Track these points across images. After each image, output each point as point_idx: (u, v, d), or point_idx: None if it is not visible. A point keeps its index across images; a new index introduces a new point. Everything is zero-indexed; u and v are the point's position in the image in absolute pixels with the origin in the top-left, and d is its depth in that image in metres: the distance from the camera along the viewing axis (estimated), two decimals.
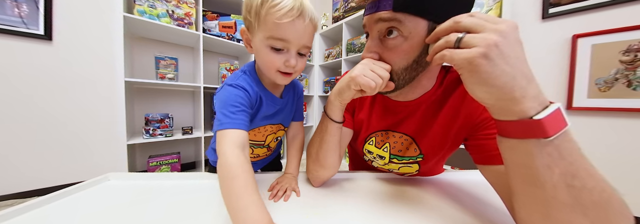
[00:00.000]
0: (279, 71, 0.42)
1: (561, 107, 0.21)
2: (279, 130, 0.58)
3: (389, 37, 0.34)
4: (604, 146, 1.08)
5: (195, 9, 1.44)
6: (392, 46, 0.35)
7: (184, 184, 0.47)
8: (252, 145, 0.57)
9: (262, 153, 0.62)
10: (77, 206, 0.37)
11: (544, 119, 0.21)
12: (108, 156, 1.44)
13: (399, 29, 0.33)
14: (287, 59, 0.41)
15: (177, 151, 1.55)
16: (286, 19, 0.37)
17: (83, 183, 0.45)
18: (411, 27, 0.32)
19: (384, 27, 0.34)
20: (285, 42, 0.39)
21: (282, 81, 0.45)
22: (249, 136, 0.45)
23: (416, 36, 0.33)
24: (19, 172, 1.21)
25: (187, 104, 1.75)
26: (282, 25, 0.37)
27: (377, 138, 0.52)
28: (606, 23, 1.05)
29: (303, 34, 0.40)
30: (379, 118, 0.51)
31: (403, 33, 0.33)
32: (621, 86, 1.02)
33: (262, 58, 0.42)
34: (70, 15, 1.28)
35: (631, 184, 1.02)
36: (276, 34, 0.38)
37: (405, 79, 0.37)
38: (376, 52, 0.37)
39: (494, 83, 0.22)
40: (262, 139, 0.56)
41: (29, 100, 1.21)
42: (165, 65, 1.39)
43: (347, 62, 2.03)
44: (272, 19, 0.37)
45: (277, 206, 0.38)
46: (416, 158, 0.49)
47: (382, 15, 0.33)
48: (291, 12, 0.37)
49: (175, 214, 0.35)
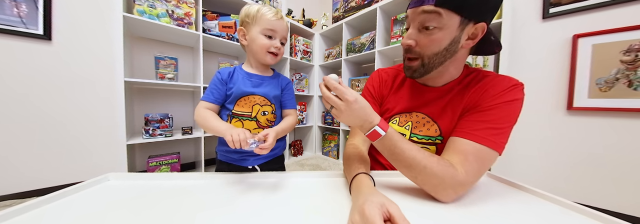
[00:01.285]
0: (269, 52, 0.65)
1: (376, 128, 0.40)
2: (265, 105, 0.70)
3: (427, 28, 0.42)
4: (604, 146, 1.08)
5: (195, 9, 1.44)
6: (428, 35, 0.43)
7: (184, 184, 0.47)
8: (242, 118, 0.68)
9: (252, 129, 0.68)
10: (76, 207, 0.37)
11: (368, 135, 0.41)
12: (108, 156, 1.44)
13: (438, 20, 0.40)
14: (274, 44, 0.65)
15: (177, 151, 1.55)
16: (274, 18, 0.63)
17: (83, 183, 0.44)
18: (447, 19, 0.40)
19: (426, 18, 0.41)
20: (274, 32, 0.64)
21: (271, 61, 0.67)
22: (237, 107, 0.66)
23: (450, 28, 0.41)
24: (18, 172, 1.20)
25: (187, 104, 1.74)
26: (272, 21, 0.63)
27: (401, 118, 0.57)
28: (607, 23, 1.05)
29: (283, 29, 0.66)
30: (407, 100, 0.57)
31: (439, 25, 0.41)
32: (622, 86, 1.02)
33: (257, 44, 0.64)
34: (69, 15, 1.28)
35: (632, 184, 1.02)
36: (268, 26, 0.63)
37: (434, 62, 0.45)
38: (415, 40, 0.45)
39: (347, 122, 0.41)
40: (249, 110, 0.68)
41: (28, 100, 1.20)
42: (165, 65, 1.39)
43: (347, 62, 2.03)
44: (265, 18, 0.62)
45: (277, 207, 0.38)
46: (435, 139, 0.51)
47: (426, 8, 0.41)
48: (276, 15, 0.64)
49: (175, 214, 0.35)
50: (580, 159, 1.14)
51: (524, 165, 1.29)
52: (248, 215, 0.35)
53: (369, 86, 0.66)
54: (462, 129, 0.43)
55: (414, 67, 0.47)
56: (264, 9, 0.63)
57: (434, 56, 0.44)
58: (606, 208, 1.08)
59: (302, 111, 2.27)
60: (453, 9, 0.39)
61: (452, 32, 0.41)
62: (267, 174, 0.55)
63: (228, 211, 0.36)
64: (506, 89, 0.44)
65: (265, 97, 0.69)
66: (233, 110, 0.67)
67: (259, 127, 0.69)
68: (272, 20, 0.62)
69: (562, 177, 1.19)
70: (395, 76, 0.62)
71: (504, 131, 0.41)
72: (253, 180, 0.51)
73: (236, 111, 0.67)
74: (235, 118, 0.68)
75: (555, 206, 0.39)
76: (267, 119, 0.70)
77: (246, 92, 0.67)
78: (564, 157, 1.18)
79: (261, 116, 0.69)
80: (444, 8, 0.39)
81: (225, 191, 0.44)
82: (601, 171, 1.09)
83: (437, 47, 0.43)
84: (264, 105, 0.69)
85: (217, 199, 0.40)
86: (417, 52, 0.45)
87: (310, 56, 2.29)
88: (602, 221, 0.33)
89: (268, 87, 0.70)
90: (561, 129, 1.18)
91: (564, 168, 1.18)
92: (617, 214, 1.04)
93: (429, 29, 0.42)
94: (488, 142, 0.40)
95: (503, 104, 0.42)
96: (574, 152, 1.16)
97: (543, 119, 1.23)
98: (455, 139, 0.43)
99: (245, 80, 0.68)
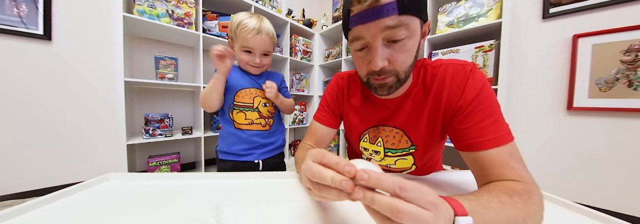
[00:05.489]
0: (250, 65, 0.70)
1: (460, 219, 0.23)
2: (265, 97, 0.74)
3: (396, 41, 0.36)
4: (604, 146, 1.08)
5: (195, 9, 1.44)
6: (401, 47, 0.37)
7: (184, 184, 0.47)
8: (244, 108, 0.72)
9: (255, 119, 0.73)
10: (76, 207, 0.37)
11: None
12: (108, 156, 1.44)
13: (406, 29, 0.35)
14: (253, 59, 0.69)
15: (177, 151, 1.55)
16: (250, 35, 0.64)
17: (83, 183, 0.44)
18: (413, 25, 0.35)
19: (393, 33, 0.35)
20: (252, 48, 0.67)
21: (254, 72, 0.74)
22: (237, 98, 0.71)
23: (417, 33, 0.37)
24: (18, 172, 1.20)
25: (187, 104, 1.74)
26: (248, 39, 0.65)
27: (370, 135, 0.55)
28: (607, 23, 1.05)
29: (262, 44, 0.67)
30: (369, 115, 0.54)
31: (409, 33, 0.35)
32: (622, 86, 1.02)
33: (238, 58, 0.71)
34: (69, 15, 1.28)
35: (632, 184, 1.02)
36: (244, 43, 0.66)
37: (408, 74, 0.41)
38: (387, 59, 0.37)
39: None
40: (250, 101, 0.73)
41: (29, 100, 1.20)
42: (165, 65, 1.39)
43: (347, 62, 2.03)
44: (241, 36, 0.65)
45: (277, 206, 0.38)
46: (409, 149, 0.51)
47: (390, 23, 0.34)
48: (253, 31, 0.64)
49: (175, 214, 0.35)
50: (580, 158, 1.14)
51: None
52: (248, 215, 0.35)
53: (327, 94, 0.60)
54: (472, 140, 0.39)
55: (390, 83, 0.40)
56: (243, 23, 0.64)
57: (408, 68, 0.40)
58: (606, 208, 1.08)
59: (302, 111, 2.27)
60: (414, 13, 0.35)
61: (418, 36, 0.38)
62: (267, 174, 0.55)
63: (228, 211, 0.36)
64: (468, 79, 0.41)
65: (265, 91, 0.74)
66: (234, 102, 0.71)
67: (261, 117, 0.75)
68: (247, 38, 0.64)
69: (562, 176, 1.19)
70: (351, 84, 0.57)
71: (500, 118, 0.39)
72: (253, 180, 0.51)
73: (237, 102, 0.72)
74: (236, 109, 0.72)
75: (556, 206, 0.39)
76: (268, 110, 0.76)
77: (248, 86, 0.73)
78: (564, 156, 1.18)
79: (263, 107, 0.75)
80: (408, 14, 0.34)
81: (226, 191, 0.44)
82: (601, 170, 1.09)
83: (411, 58, 0.39)
84: (264, 97, 0.74)
85: (217, 199, 0.40)
86: (391, 71, 0.39)
87: (310, 56, 2.29)
88: (603, 221, 0.33)
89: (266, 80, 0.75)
90: (561, 129, 1.18)
91: (563, 167, 1.18)
92: (617, 214, 1.04)
93: (399, 41, 0.36)
94: (503, 139, 0.37)
95: (479, 95, 0.40)
96: (573, 152, 1.16)
97: (543, 119, 1.23)
98: (478, 154, 0.38)
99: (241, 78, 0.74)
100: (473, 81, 0.41)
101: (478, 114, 0.40)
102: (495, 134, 0.37)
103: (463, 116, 0.41)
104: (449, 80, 0.43)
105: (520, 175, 0.35)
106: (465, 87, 0.41)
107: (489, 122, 0.39)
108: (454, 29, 1.33)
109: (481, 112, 0.39)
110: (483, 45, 1.20)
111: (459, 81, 0.42)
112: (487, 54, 1.19)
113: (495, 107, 0.40)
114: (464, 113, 0.41)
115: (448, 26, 1.37)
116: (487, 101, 0.40)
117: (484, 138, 0.38)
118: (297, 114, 2.19)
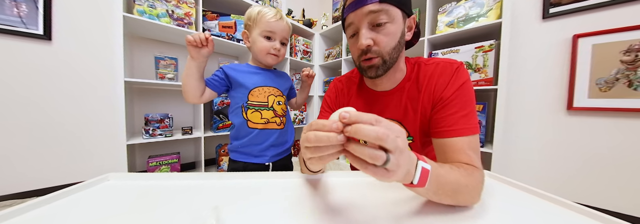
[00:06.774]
0: (269, 53, 0.69)
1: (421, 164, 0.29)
2: (278, 95, 0.75)
3: (379, 25, 0.43)
4: (604, 146, 1.08)
5: (195, 9, 1.44)
6: (383, 30, 0.44)
7: (184, 184, 0.47)
8: (259, 108, 0.71)
9: (271, 118, 0.73)
10: (76, 207, 0.37)
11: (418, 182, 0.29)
12: (107, 156, 1.44)
13: (387, 14, 0.43)
14: (274, 45, 0.68)
15: (177, 151, 1.55)
16: (273, 19, 0.65)
17: (83, 183, 0.44)
18: (394, 12, 0.43)
19: (375, 16, 0.43)
20: (273, 33, 0.67)
21: (272, 61, 0.72)
22: (252, 97, 0.70)
23: (398, 20, 0.44)
24: (18, 172, 1.20)
25: (187, 104, 1.74)
26: (270, 23, 0.66)
27: None
28: (607, 23, 1.05)
29: (283, 30, 0.68)
30: (366, 108, 0.57)
31: (389, 19, 0.43)
32: (622, 86, 1.02)
33: (258, 45, 0.68)
34: (69, 15, 1.28)
35: (632, 184, 1.02)
36: (267, 27, 0.66)
37: (393, 58, 0.47)
38: (371, 38, 0.44)
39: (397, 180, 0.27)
40: (264, 99, 0.72)
41: (28, 100, 1.20)
42: (165, 65, 1.39)
43: (347, 62, 2.03)
44: (264, 20, 0.65)
45: (277, 207, 0.38)
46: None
47: (372, 8, 0.42)
48: (275, 16, 0.66)
49: (176, 214, 0.35)
50: (580, 158, 1.14)
51: (524, 165, 1.28)
52: (248, 215, 0.35)
53: (327, 97, 0.65)
54: (442, 128, 0.45)
55: (377, 64, 0.46)
56: (264, 10, 0.66)
57: (392, 50, 0.45)
58: (606, 208, 1.08)
59: (302, 111, 2.27)
60: (395, 4, 0.43)
61: (400, 25, 0.45)
62: (268, 174, 0.55)
63: (228, 211, 0.36)
64: (453, 75, 0.47)
65: (278, 89, 0.75)
66: (248, 101, 0.70)
67: (276, 116, 0.74)
68: (270, 22, 0.65)
69: (562, 177, 1.19)
70: (349, 84, 0.62)
71: (472, 112, 0.44)
72: (253, 180, 0.51)
73: (251, 101, 0.70)
74: (251, 109, 0.71)
75: (556, 206, 0.39)
76: (282, 109, 0.76)
77: (261, 84, 0.72)
78: (563, 156, 1.18)
79: (277, 106, 0.74)
80: (387, 3, 0.42)
81: (226, 191, 0.44)
82: (601, 171, 1.09)
83: (394, 41, 0.45)
84: (278, 95, 0.75)
85: (217, 199, 0.40)
86: (376, 51, 0.45)
87: (310, 56, 2.29)
88: (603, 221, 0.33)
89: (276, 80, 0.76)
90: (561, 129, 1.18)
91: (563, 167, 1.18)
92: (617, 214, 1.04)
93: (381, 24, 0.43)
94: (468, 131, 0.43)
95: (459, 90, 0.45)
96: (573, 152, 1.16)
97: (543, 119, 1.23)
98: (444, 140, 0.44)
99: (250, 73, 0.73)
100: (457, 77, 0.46)
101: (454, 106, 0.45)
102: (463, 125, 0.43)
103: (441, 106, 0.46)
104: (438, 75, 0.48)
105: (471, 160, 0.41)
106: (450, 81, 0.46)
107: (461, 115, 0.44)
108: (454, 29, 1.33)
109: (456, 105, 0.45)
110: (483, 46, 1.20)
111: (446, 76, 0.47)
112: (487, 54, 1.19)
113: (470, 102, 0.45)
114: (443, 104, 0.46)
115: (448, 26, 1.37)
116: (464, 95, 0.45)
117: (452, 127, 0.43)
118: (297, 114, 2.19)
